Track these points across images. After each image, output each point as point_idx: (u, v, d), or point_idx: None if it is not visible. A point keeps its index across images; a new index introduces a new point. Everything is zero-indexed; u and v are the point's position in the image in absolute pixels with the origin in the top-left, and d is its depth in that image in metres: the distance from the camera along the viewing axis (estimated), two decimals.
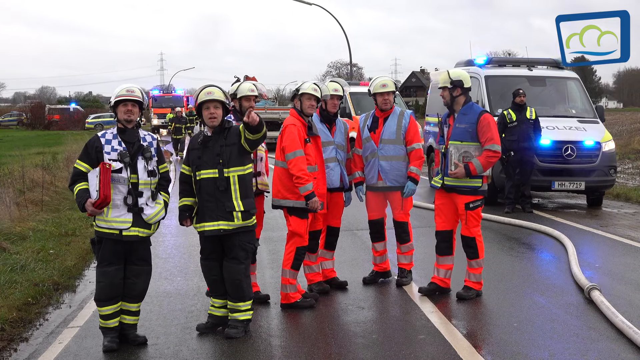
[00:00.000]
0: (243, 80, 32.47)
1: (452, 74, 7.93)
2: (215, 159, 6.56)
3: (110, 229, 6.30)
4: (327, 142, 8.02)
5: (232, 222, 6.56)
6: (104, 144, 6.36)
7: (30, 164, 20.05)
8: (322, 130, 8.00)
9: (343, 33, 43.22)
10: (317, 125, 7.95)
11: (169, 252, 10.67)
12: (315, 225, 8.05)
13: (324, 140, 7.97)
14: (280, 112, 33.72)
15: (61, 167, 21.03)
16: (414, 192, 8.30)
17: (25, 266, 9.29)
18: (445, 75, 7.96)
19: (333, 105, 8.11)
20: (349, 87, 24.31)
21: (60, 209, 14.59)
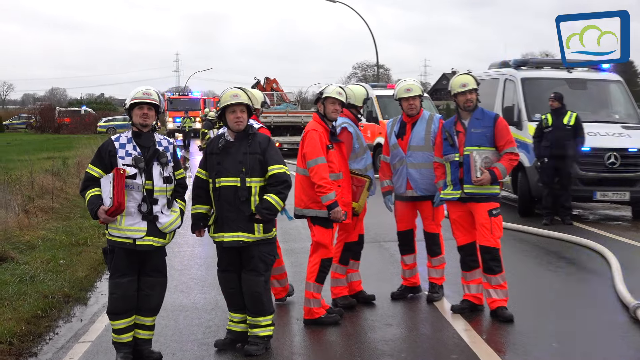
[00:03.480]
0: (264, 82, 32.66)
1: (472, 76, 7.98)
2: (238, 166, 6.57)
3: (124, 238, 6.32)
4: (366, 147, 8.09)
5: (253, 234, 6.57)
6: (117, 148, 6.39)
7: (40, 169, 20.19)
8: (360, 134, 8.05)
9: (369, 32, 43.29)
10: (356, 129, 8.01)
11: (185, 263, 10.70)
12: (349, 236, 8.08)
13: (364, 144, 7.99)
14: (303, 116, 33.77)
15: (72, 172, 21.15)
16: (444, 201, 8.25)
17: (34, 277, 9.35)
18: (470, 77, 7.96)
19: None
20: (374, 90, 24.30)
21: (71, 216, 14.68)
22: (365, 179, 7.99)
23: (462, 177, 7.81)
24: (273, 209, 6.54)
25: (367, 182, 7.98)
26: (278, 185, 6.58)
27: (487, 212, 7.70)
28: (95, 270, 10.22)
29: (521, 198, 15.02)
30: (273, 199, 6.53)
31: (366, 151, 8.21)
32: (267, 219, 6.59)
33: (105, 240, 6.57)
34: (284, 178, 6.61)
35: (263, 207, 6.51)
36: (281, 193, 6.59)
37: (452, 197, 7.90)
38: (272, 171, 6.58)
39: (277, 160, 6.66)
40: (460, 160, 7.82)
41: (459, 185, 7.84)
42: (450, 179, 7.91)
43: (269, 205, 6.52)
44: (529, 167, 14.48)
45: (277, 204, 6.55)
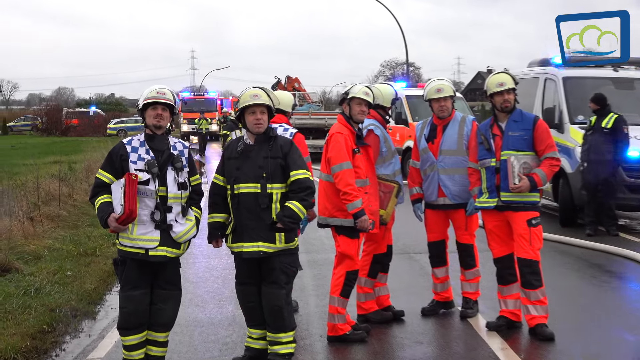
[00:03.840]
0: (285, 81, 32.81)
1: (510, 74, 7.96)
2: (258, 171, 6.58)
3: (136, 248, 6.35)
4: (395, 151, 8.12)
5: (274, 244, 6.57)
6: (129, 152, 6.42)
7: (46, 174, 20.29)
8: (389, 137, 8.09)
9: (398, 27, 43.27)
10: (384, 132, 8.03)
11: (200, 275, 10.75)
12: (378, 247, 8.09)
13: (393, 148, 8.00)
14: (327, 117, 33.74)
15: (80, 177, 21.27)
16: (478, 210, 8.22)
17: (40, 289, 9.42)
18: (508, 76, 7.92)
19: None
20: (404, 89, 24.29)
21: (79, 225, 14.76)
22: (394, 184, 7.99)
23: (498, 184, 7.77)
24: (296, 217, 6.55)
25: (396, 188, 7.97)
26: (301, 192, 6.58)
27: (526, 221, 7.66)
28: (105, 283, 10.29)
29: (562, 207, 14.93)
30: (296, 206, 6.53)
31: (394, 155, 8.21)
32: (290, 228, 6.59)
33: (115, 250, 6.62)
34: (307, 184, 6.62)
35: (285, 215, 6.51)
36: (304, 200, 6.59)
37: (487, 206, 7.87)
38: (294, 177, 6.59)
39: (299, 165, 6.67)
40: (496, 166, 7.79)
41: (495, 192, 7.80)
42: (486, 185, 7.88)
43: (291, 213, 6.52)
44: (571, 173, 14.38)
45: (300, 212, 6.55)
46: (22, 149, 41.72)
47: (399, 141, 22.65)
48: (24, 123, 78.52)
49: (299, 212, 6.54)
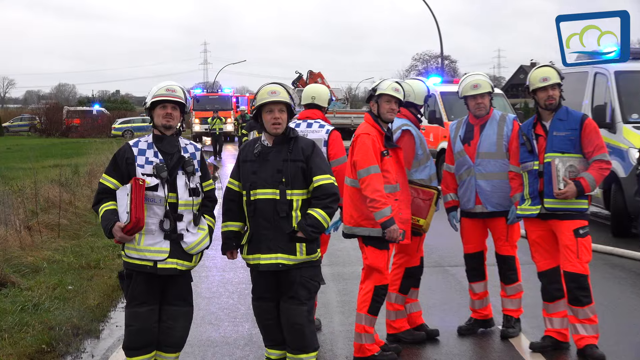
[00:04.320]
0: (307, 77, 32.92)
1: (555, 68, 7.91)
2: (276, 176, 6.58)
3: (143, 260, 6.39)
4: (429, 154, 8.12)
5: (294, 255, 6.56)
6: (136, 155, 6.47)
7: (45, 179, 20.38)
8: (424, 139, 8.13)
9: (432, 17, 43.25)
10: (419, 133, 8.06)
11: (213, 290, 10.78)
12: (411, 260, 8.10)
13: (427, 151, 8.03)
14: (353, 116, 33.69)
15: (82, 183, 21.37)
16: (521, 219, 8.18)
17: (38, 305, 9.47)
18: (553, 70, 7.87)
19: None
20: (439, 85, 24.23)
21: (81, 234, 14.84)
22: (433, 191, 7.99)
23: (542, 190, 7.72)
24: (319, 226, 6.53)
25: (436, 194, 7.97)
26: (325, 199, 6.57)
27: (573, 231, 7.62)
28: (109, 298, 10.33)
29: (615, 215, 14.83)
30: (319, 214, 6.53)
31: (429, 158, 8.20)
32: (312, 238, 6.59)
33: (121, 262, 6.66)
34: (332, 190, 6.61)
35: (307, 223, 6.51)
36: (328, 207, 6.58)
37: (530, 214, 7.84)
38: (317, 182, 6.58)
39: (323, 170, 6.66)
40: (540, 169, 7.75)
41: (538, 199, 7.76)
42: (528, 191, 7.84)
43: (314, 221, 6.51)
44: (625, 177, 14.27)
45: (324, 221, 6.54)
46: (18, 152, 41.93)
47: (432, 142, 22.59)
48: (21, 123, 79.07)
49: (323, 220, 6.53)
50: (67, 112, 74.13)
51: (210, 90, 61.76)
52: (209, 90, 62.89)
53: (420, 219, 7.93)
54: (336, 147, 8.33)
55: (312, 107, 8.76)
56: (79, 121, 72.06)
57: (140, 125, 63.31)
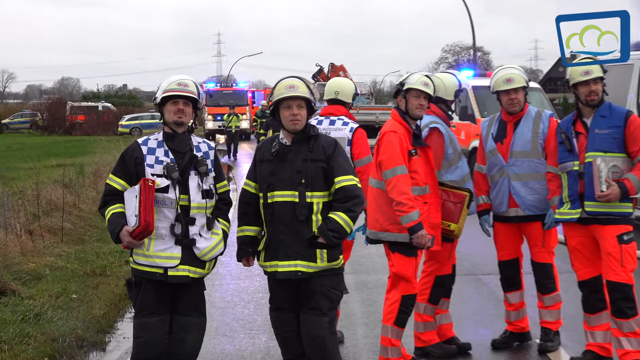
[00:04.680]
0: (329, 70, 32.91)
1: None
2: (295, 177, 6.57)
3: (153, 267, 6.41)
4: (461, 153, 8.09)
5: (314, 262, 6.56)
6: (145, 154, 6.49)
7: (47, 180, 20.48)
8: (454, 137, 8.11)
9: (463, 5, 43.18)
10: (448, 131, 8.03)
11: (228, 299, 10.80)
12: (442, 267, 8.08)
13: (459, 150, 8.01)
14: (378, 112, 33.61)
15: (87, 184, 21.46)
16: (558, 223, 8.15)
17: (40, 315, 9.50)
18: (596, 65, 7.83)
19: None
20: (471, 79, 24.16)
21: (86, 239, 14.90)
22: (465, 193, 7.96)
23: (582, 192, 7.67)
24: (341, 230, 6.52)
25: (467, 197, 7.95)
26: (347, 202, 6.55)
27: (616, 237, 7.57)
28: (116, 307, 10.36)
29: None
30: (341, 218, 6.51)
31: (461, 158, 8.17)
32: (333, 244, 6.57)
33: (128, 269, 6.68)
34: (355, 192, 6.59)
35: (328, 228, 6.49)
36: (351, 211, 6.56)
37: (569, 218, 7.79)
38: (339, 183, 6.57)
39: (345, 170, 6.65)
40: (580, 170, 7.70)
41: (578, 202, 7.71)
42: (568, 194, 7.79)
43: (336, 226, 6.50)
44: None
45: (346, 225, 6.52)
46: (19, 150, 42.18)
47: (464, 141, 22.52)
48: (22, 120, 79.52)
49: (345, 225, 6.51)
50: (70, 108, 74.16)
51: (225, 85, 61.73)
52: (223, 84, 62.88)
53: (451, 223, 7.90)
54: (361, 146, 8.32)
55: (335, 102, 8.76)
56: (83, 118, 72.27)
57: (149, 122, 63.48)
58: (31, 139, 61.68)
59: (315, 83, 34.78)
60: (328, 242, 6.50)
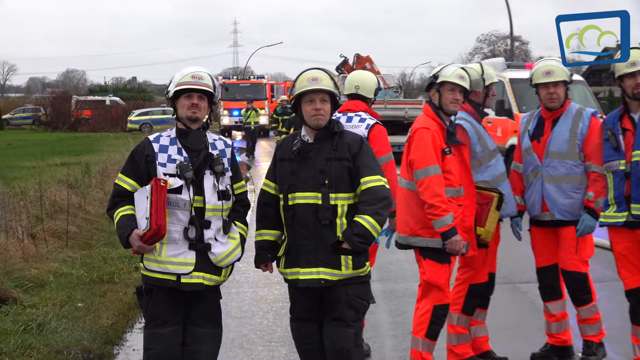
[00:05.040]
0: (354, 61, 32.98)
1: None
2: (318, 177, 6.55)
3: (165, 273, 6.42)
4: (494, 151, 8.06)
5: (338, 270, 6.52)
6: (157, 152, 6.51)
7: (51, 180, 20.54)
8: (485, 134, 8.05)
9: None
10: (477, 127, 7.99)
11: (245, 309, 10.82)
12: (477, 275, 8.06)
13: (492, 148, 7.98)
14: (407, 107, 33.58)
15: (94, 184, 21.53)
16: (593, 230, 8.08)
17: (43, 325, 9.52)
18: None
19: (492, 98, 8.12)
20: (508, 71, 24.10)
21: (93, 244, 14.95)
22: (493, 194, 7.92)
23: (629, 194, 7.64)
24: (368, 235, 6.48)
25: (495, 198, 7.89)
26: (375, 204, 6.50)
27: None
28: (125, 317, 10.38)
29: None
30: (368, 221, 6.46)
31: (494, 156, 8.11)
32: (359, 250, 6.54)
33: (138, 276, 6.70)
34: (383, 194, 6.55)
35: (354, 232, 6.46)
36: (379, 214, 6.51)
37: (615, 222, 7.75)
38: (366, 184, 6.54)
39: (373, 170, 6.61)
40: (626, 170, 7.66)
41: (624, 204, 7.65)
42: (613, 195, 7.74)
43: (362, 230, 6.46)
44: None
45: (373, 229, 6.48)
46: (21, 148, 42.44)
47: (500, 138, 22.44)
48: (24, 115, 79.87)
49: (372, 229, 6.47)
50: (76, 103, 74.54)
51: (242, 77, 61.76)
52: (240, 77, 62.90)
53: (477, 227, 7.87)
54: (379, 144, 8.26)
55: (355, 97, 8.73)
56: (89, 113, 72.57)
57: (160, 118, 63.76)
58: (34, 135, 61.96)
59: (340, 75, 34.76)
60: (353, 247, 6.46)
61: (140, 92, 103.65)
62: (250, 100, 42.47)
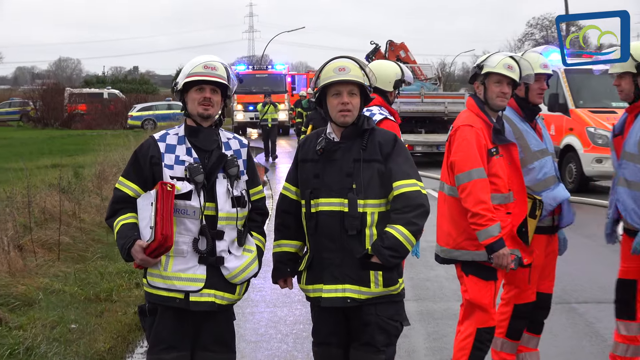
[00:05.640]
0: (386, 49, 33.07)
1: None
2: (345, 181, 6.51)
3: (171, 290, 6.41)
4: (539, 152, 7.98)
5: (367, 287, 6.50)
6: (163, 153, 6.50)
7: (41, 184, 20.62)
8: (528, 133, 7.96)
9: None
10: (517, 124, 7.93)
11: (262, 331, 10.82)
12: (522, 294, 8.02)
13: (535, 149, 7.92)
14: (447, 101, 33.53)
15: (90, 189, 21.57)
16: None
17: (32, 349, 9.53)
18: None
19: (539, 91, 8.08)
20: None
21: (88, 256, 14.94)
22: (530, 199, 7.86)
23: None
24: (400, 248, 6.42)
25: (531, 205, 7.84)
26: (408, 212, 6.42)
27: None
28: (125, 341, 10.39)
29: None
30: (400, 232, 6.40)
31: (541, 158, 8.03)
32: (390, 264, 6.48)
33: (140, 294, 6.71)
34: (419, 201, 6.47)
35: (385, 245, 6.40)
36: (413, 224, 6.43)
37: None
38: (399, 189, 6.46)
39: (406, 173, 6.54)
40: None
41: None
42: None
43: (393, 242, 6.40)
44: None
45: (406, 241, 6.41)
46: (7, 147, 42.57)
47: (554, 137, 22.29)
48: (10, 109, 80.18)
49: (405, 241, 6.41)
50: (69, 96, 74.64)
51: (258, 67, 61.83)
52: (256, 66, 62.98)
53: None
54: None
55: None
56: (85, 107, 72.76)
57: (165, 113, 63.94)
58: (21, 133, 62.23)
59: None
60: (384, 262, 6.40)
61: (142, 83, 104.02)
62: (268, 93, 42.05)
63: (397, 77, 8.84)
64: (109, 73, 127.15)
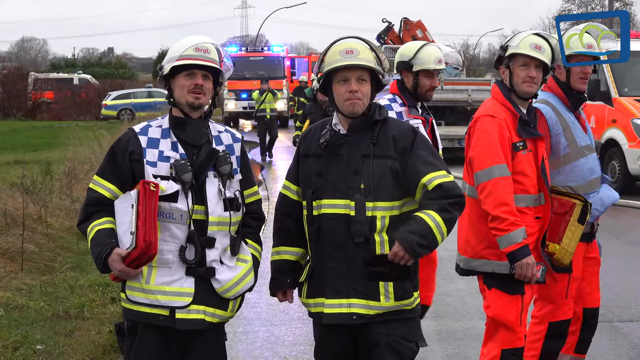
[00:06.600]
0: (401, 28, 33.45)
1: None
2: (351, 180, 6.45)
3: (154, 306, 6.41)
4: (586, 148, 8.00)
5: (377, 301, 6.45)
6: (145, 148, 6.48)
7: (2, 183, 20.64)
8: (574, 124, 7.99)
9: None
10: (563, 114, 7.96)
11: (256, 354, 10.83)
12: (558, 310, 8.00)
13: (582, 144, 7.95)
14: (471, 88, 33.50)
15: (58, 189, 21.55)
16: None
17: None
18: None
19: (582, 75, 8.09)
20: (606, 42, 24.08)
21: (57, 267, 14.92)
22: (574, 200, 7.81)
23: None
24: (430, 236, 6.16)
25: (577, 206, 7.77)
26: (446, 198, 6.22)
27: None
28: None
29: None
30: (432, 219, 6.15)
31: (585, 155, 8.07)
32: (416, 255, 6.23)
33: (117, 310, 6.75)
34: (457, 192, 6.30)
35: (412, 230, 6.14)
36: (448, 211, 6.20)
37: None
38: (435, 180, 6.23)
39: (435, 165, 6.38)
40: None
41: None
42: None
43: (423, 228, 6.14)
44: None
45: (437, 230, 6.16)
46: None
47: (594, 129, 22.16)
48: None
49: (436, 229, 6.16)
50: (34, 82, 74.39)
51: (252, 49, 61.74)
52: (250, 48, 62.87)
53: (550, 243, 7.77)
54: None
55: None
56: (52, 95, 72.61)
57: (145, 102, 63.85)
58: None
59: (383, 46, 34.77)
60: (409, 251, 6.16)
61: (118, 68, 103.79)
62: (265, 79, 41.32)
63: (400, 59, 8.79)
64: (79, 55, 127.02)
